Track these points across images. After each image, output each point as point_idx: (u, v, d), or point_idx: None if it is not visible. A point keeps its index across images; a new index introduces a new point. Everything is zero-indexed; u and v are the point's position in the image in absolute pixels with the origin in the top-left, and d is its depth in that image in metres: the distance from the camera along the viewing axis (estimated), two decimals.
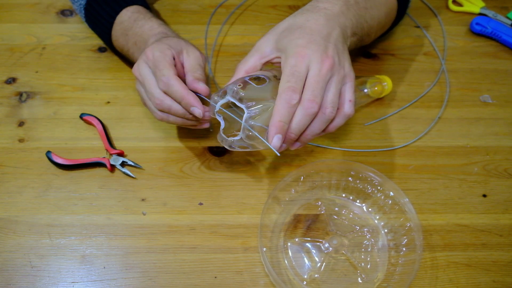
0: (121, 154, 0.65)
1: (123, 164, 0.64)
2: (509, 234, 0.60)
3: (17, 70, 0.74)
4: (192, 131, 0.67)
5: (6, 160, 0.65)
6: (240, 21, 0.82)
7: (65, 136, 0.67)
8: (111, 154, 0.64)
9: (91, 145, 0.66)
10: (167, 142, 0.67)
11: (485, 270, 0.58)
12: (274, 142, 0.50)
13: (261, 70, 0.57)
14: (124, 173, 0.63)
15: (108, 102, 0.71)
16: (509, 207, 0.63)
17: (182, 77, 0.58)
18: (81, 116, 0.68)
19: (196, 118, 0.57)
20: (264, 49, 0.56)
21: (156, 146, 0.66)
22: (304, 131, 0.52)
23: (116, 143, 0.66)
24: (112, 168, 0.64)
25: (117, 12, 0.67)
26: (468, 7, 0.84)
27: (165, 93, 0.56)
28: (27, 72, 0.74)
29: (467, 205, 0.63)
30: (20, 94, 0.71)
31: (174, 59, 0.57)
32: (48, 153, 0.64)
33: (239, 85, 0.53)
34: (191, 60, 0.58)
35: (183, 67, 0.59)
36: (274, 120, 0.50)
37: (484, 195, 0.64)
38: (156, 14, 0.80)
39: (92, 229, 0.59)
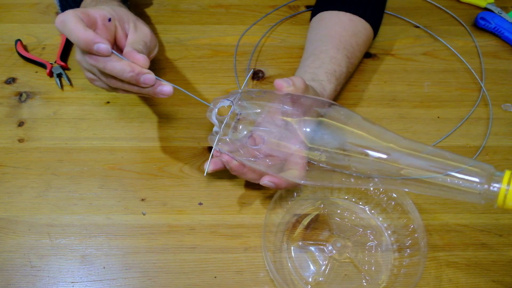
0: (65, 68, 0.73)
1: (60, 75, 0.72)
2: (508, 234, 0.60)
3: (17, 70, 0.74)
4: (190, 126, 0.67)
5: (6, 160, 0.65)
6: (239, 21, 0.82)
7: (65, 136, 0.67)
8: (56, 63, 0.73)
9: (91, 145, 0.66)
10: (167, 142, 0.67)
11: (485, 270, 0.58)
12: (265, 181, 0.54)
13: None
14: (56, 82, 0.72)
15: (108, 102, 0.71)
16: None
17: (121, 49, 0.54)
18: None
19: (136, 79, 0.51)
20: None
21: (156, 146, 0.66)
22: None
23: (116, 143, 0.66)
24: (51, 74, 0.73)
25: None
26: (475, 0, 0.86)
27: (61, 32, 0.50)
28: (27, 72, 0.74)
29: (466, 205, 0.63)
30: (20, 94, 0.71)
31: (110, 20, 0.52)
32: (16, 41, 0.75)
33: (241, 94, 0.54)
34: (136, 35, 0.54)
35: (126, 38, 0.54)
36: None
37: None
38: (148, 13, 0.80)
39: (92, 229, 0.59)
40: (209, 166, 0.56)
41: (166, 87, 0.52)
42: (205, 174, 0.56)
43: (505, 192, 0.43)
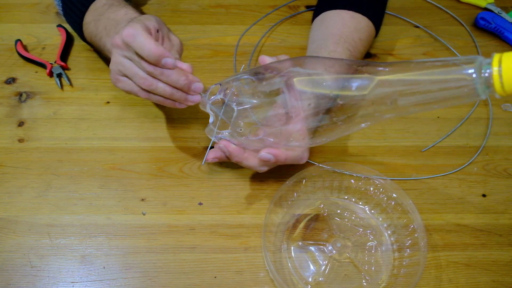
0: (64, 68, 0.73)
1: (59, 75, 0.73)
2: (508, 234, 0.60)
3: (17, 70, 0.74)
4: (190, 126, 0.67)
5: (6, 160, 0.65)
6: (239, 21, 0.82)
7: (65, 136, 0.67)
8: (56, 63, 0.73)
9: (91, 145, 0.66)
10: (167, 142, 0.67)
11: (485, 269, 0.58)
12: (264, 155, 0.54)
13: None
14: (56, 82, 0.72)
15: (108, 102, 0.71)
16: (508, 207, 0.63)
17: None
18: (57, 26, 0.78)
19: (188, 86, 0.54)
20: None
21: (156, 146, 0.66)
22: None
23: (116, 143, 0.66)
24: (51, 74, 0.73)
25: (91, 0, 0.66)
26: (475, 0, 0.86)
27: (127, 45, 0.52)
28: (27, 72, 0.74)
29: (466, 205, 0.63)
30: (20, 94, 0.71)
31: (158, 31, 0.55)
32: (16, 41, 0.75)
33: (234, 83, 0.54)
34: (170, 45, 0.57)
35: (163, 42, 0.57)
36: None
37: (484, 195, 0.64)
38: (152, 12, 0.80)
39: (92, 229, 0.59)
40: (208, 154, 0.56)
41: (195, 97, 0.55)
42: (203, 163, 0.56)
43: (499, 74, 0.38)
